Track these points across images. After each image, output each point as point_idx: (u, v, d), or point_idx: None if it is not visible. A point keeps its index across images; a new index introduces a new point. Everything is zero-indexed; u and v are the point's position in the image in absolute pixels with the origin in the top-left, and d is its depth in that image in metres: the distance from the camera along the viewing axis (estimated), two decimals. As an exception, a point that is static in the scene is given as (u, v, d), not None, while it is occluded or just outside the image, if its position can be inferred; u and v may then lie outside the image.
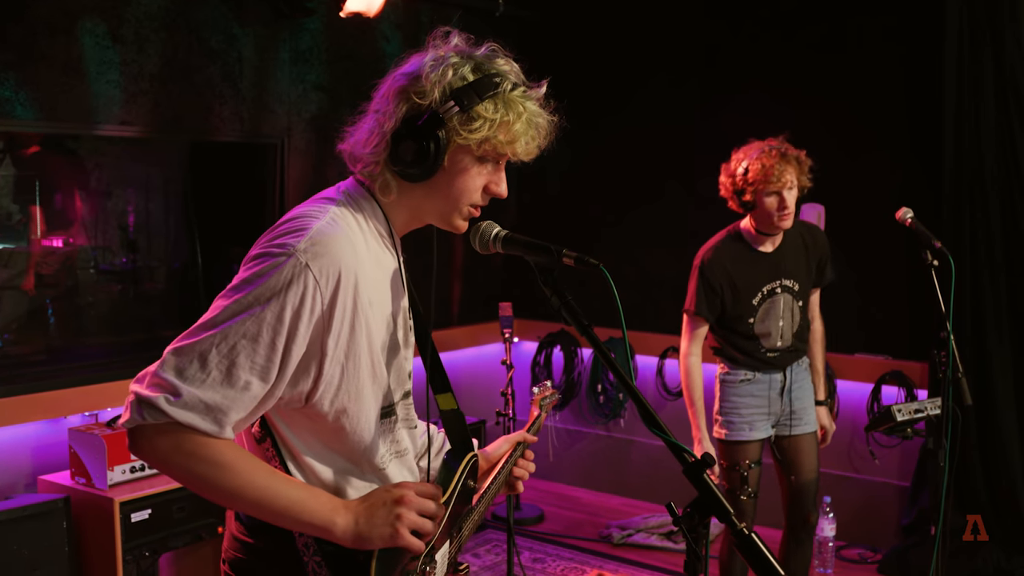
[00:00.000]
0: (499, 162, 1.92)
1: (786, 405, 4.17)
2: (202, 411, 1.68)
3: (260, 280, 1.72)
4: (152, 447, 1.71)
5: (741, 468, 4.09)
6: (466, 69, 1.84)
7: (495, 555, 5.44)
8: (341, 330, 1.78)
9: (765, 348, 4.11)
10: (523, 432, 2.36)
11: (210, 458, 1.71)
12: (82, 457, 4.16)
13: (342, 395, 1.83)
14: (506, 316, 5.15)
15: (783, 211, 3.94)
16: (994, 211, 5.12)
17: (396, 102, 1.85)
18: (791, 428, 4.19)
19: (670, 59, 6.28)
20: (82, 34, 4.41)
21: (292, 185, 5.35)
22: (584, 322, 1.87)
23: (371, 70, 2.01)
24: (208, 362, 1.69)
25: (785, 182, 3.89)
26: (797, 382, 4.20)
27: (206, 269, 5.34)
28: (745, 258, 4.10)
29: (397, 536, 1.81)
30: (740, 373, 4.15)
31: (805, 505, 4.22)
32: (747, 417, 4.13)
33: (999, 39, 5.03)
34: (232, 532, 1.94)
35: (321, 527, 1.79)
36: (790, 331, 4.13)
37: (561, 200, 6.74)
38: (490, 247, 1.99)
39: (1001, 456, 5.12)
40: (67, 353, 4.96)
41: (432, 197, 1.91)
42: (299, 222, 1.81)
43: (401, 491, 1.84)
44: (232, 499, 1.77)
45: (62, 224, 5.07)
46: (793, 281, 4.13)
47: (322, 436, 1.87)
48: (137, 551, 4.12)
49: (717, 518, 1.69)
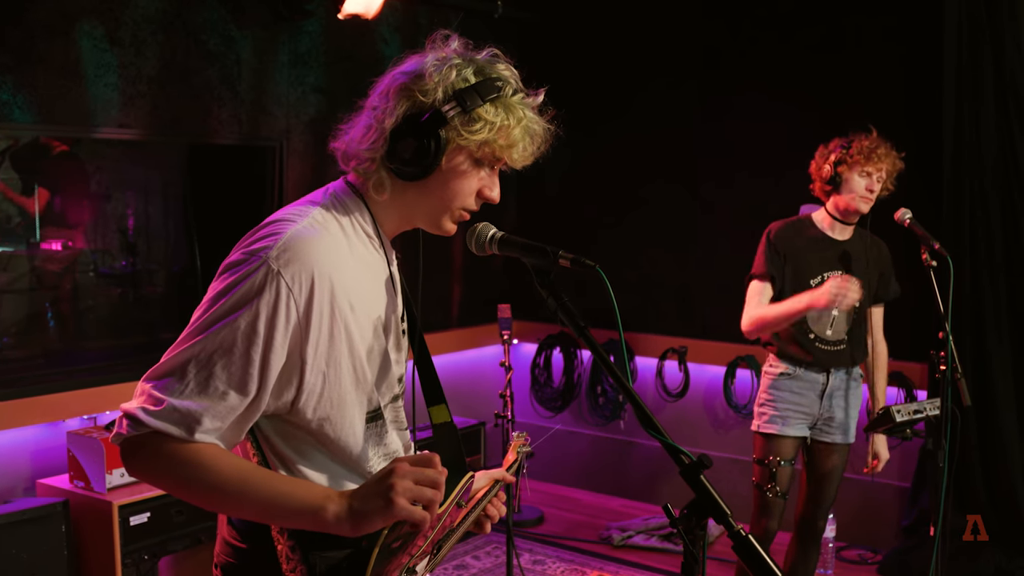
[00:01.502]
0: (494, 167, 1.92)
1: (824, 409, 4.12)
2: (175, 419, 1.69)
3: (234, 289, 1.72)
4: (136, 458, 1.74)
5: (770, 464, 4.07)
6: (468, 71, 1.84)
7: (495, 557, 5.43)
8: (319, 337, 1.77)
9: (815, 335, 4.08)
10: (502, 471, 2.30)
11: (187, 458, 1.71)
12: (81, 461, 4.16)
13: (324, 403, 1.82)
14: (505, 318, 5.14)
15: (869, 194, 4.00)
16: (994, 211, 5.12)
17: (397, 99, 1.84)
18: (824, 434, 4.15)
19: (669, 61, 6.27)
20: (80, 37, 4.41)
21: (291, 187, 5.35)
22: (580, 324, 1.86)
23: (370, 72, 2.00)
24: (187, 373, 1.70)
25: (882, 167, 3.99)
26: (840, 389, 4.14)
27: (205, 272, 5.34)
28: (814, 239, 4.12)
29: (392, 505, 1.68)
30: (782, 366, 4.12)
31: (817, 512, 4.20)
32: (782, 412, 4.09)
33: (998, 40, 5.03)
34: (224, 536, 1.93)
35: (310, 513, 1.72)
36: (843, 325, 4.09)
37: (560, 202, 6.74)
38: (486, 249, 1.98)
39: (1001, 457, 5.12)
40: (66, 356, 4.96)
41: (425, 198, 1.90)
42: (275, 227, 1.80)
43: (391, 465, 1.74)
44: (215, 497, 1.74)
45: (62, 227, 5.08)
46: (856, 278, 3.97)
47: (311, 442, 1.85)
48: (136, 555, 4.11)
49: (714, 519, 1.69)
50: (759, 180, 5.90)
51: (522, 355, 6.87)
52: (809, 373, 4.10)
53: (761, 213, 5.93)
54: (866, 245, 4.18)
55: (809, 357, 4.07)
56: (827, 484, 4.19)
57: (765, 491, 4.08)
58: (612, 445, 6.62)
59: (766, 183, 5.85)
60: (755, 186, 5.91)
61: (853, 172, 4.00)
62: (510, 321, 5.17)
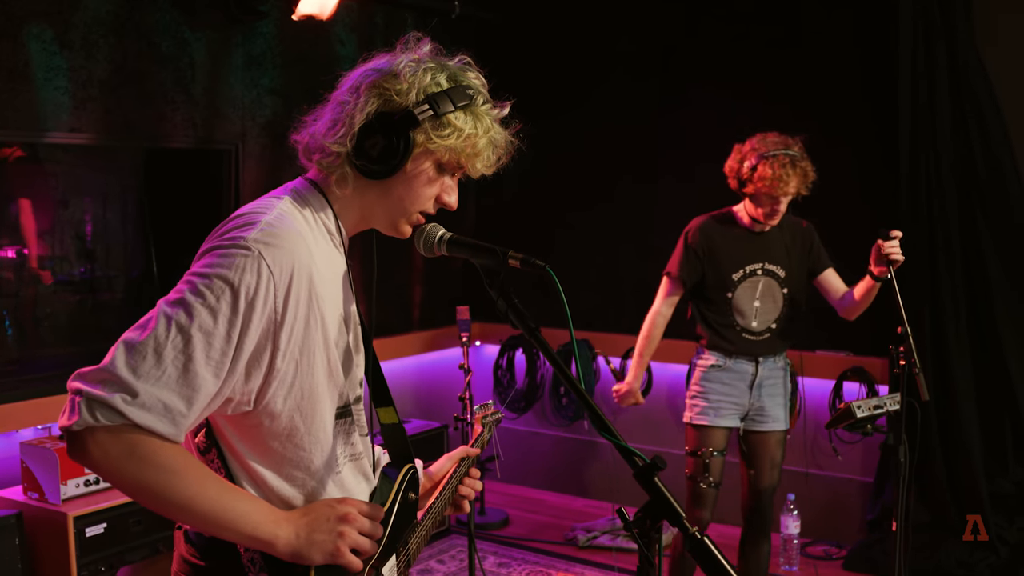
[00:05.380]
0: (455, 174, 1.92)
1: (755, 399, 4.22)
2: (160, 412, 1.62)
3: (213, 272, 1.68)
4: (103, 451, 1.62)
5: (703, 455, 4.15)
6: (442, 76, 1.85)
7: (459, 561, 5.39)
8: (295, 324, 1.75)
9: (740, 327, 4.19)
10: (466, 447, 2.31)
11: (163, 464, 1.64)
12: (34, 471, 4.09)
13: (295, 393, 1.79)
14: (463, 320, 5.12)
15: (774, 215, 4.10)
16: (951, 205, 5.15)
17: (368, 95, 1.82)
18: (757, 423, 4.25)
19: (628, 58, 6.27)
20: (28, 40, 4.33)
21: (247, 191, 5.29)
22: (531, 325, 1.84)
23: (326, 73, 1.99)
24: (163, 357, 1.62)
25: (788, 192, 4.00)
26: (770, 379, 4.25)
27: (162, 278, 5.28)
28: (732, 234, 4.23)
29: (338, 554, 1.78)
30: (712, 358, 4.23)
31: (761, 500, 4.28)
32: (713, 403, 4.20)
33: (951, 33, 5.06)
34: (181, 554, 1.89)
35: (265, 540, 1.74)
36: (768, 316, 4.20)
37: (520, 202, 6.70)
38: (435, 250, 1.97)
39: (962, 449, 5.14)
40: (22, 365, 4.87)
41: (385, 198, 1.89)
42: (248, 217, 1.78)
43: (345, 508, 1.81)
44: (181, 510, 1.69)
45: (15, 234, 4.99)
46: (778, 267, 4.22)
47: (274, 441, 1.81)
48: (92, 566, 4.04)
49: (669, 522, 1.67)
50: (719, 175, 5.90)
51: (485, 357, 6.83)
52: (739, 364, 4.21)
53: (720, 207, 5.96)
54: (784, 231, 4.26)
55: (735, 348, 4.19)
56: (767, 472, 4.27)
57: (699, 482, 4.16)
58: (576, 446, 6.61)
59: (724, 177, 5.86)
60: (715, 181, 5.90)
61: (759, 195, 4.07)
62: (469, 323, 5.15)
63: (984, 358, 5.19)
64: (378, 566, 1.92)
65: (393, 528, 1.97)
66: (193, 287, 1.68)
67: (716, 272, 4.20)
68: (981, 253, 5.13)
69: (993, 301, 5.13)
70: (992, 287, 5.12)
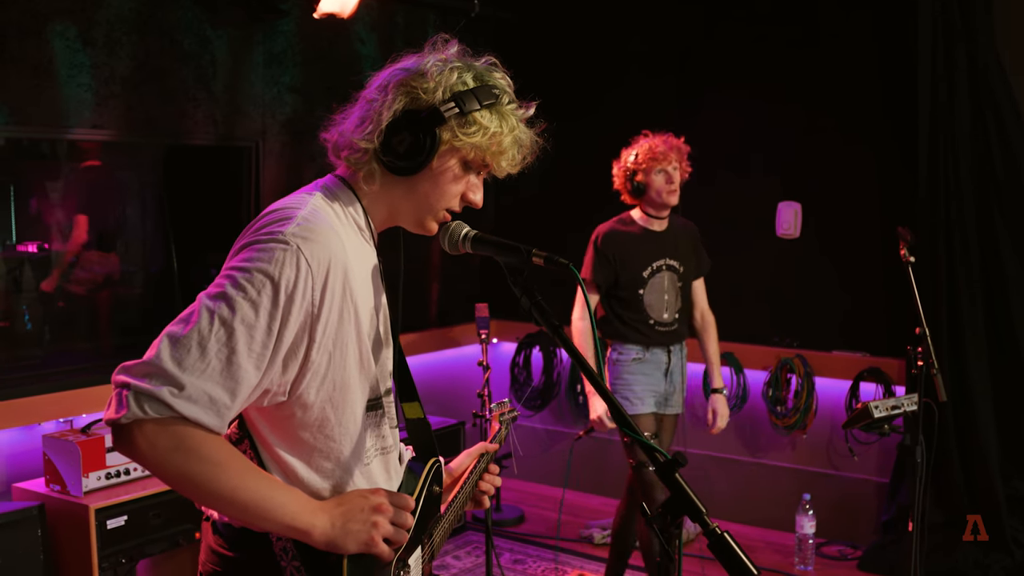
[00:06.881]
0: (480, 172, 1.95)
1: (668, 386, 4.54)
2: (206, 404, 1.65)
3: (253, 266, 1.71)
4: (150, 443, 1.65)
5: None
6: (468, 76, 1.88)
7: (475, 557, 5.42)
8: (330, 317, 1.78)
9: (654, 320, 4.48)
10: (485, 444, 2.33)
11: (208, 456, 1.68)
12: (56, 464, 4.12)
13: (328, 384, 1.82)
14: (482, 317, 5.14)
15: (671, 186, 4.42)
16: (968, 206, 5.13)
17: (396, 93, 1.86)
18: (667, 407, 4.57)
19: (644, 59, 6.27)
20: (52, 37, 4.37)
21: (267, 188, 5.32)
22: (554, 322, 1.86)
23: (346, 71, 2.03)
24: (207, 351, 1.66)
25: (670, 160, 4.41)
26: (676, 366, 4.58)
27: (182, 274, 5.31)
28: (636, 236, 4.52)
29: (372, 543, 1.81)
30: (632, 352, 4.49)
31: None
32: (639, 393, 4.48)
33: (972, 35, 5.05)
34: (209, 544, 1.91)
35: (302, 530, 1.77)
36: (674, 308, 4.53)
37: (539, 201, 6.71)
38: (459, 247, 1.99)
39: (979, 451, 5.13)
40: (43, 359, 4.91)
41: (412, 195, 1.92)
42: (283, 212, 1.81)
43: (378, 499, 1.84)
44: (222, 500, 1.72)
45: (37, 230, 5.03)
46: (678, 262, 4.55)
47: (305, 432, 1.85)
48: (113, 558, 4.08)
49: (690, 518, 1.68)
50: (737, 176, 5.91)
51: (502, 354, 6.85)
52: (655, 354, 4.51)
53: (738, 209, 5.96)
54: (677, 230, 4.62)
55: (651, 340, 4.48)
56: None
57: (648, 467, 4.27)
58: (592, 444, 6.61)
59: (742, 179, 5.87)
60: (732, 182, 5.92)
61: (650, 175, 4.42)
62: (488, 320, 5.16)
63: (1001, 359, 5.17)
64: (405, 557, 1.94)
65: (419, 520, 2.00)
66: (234, 281, 1.71)
67: (627, 271, 4.47)
68: (999, 254, 5.11)
69: (1011, 302, 5.11)
70: (1010, 288, 5.11)
